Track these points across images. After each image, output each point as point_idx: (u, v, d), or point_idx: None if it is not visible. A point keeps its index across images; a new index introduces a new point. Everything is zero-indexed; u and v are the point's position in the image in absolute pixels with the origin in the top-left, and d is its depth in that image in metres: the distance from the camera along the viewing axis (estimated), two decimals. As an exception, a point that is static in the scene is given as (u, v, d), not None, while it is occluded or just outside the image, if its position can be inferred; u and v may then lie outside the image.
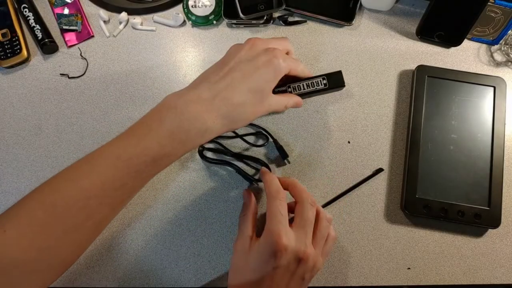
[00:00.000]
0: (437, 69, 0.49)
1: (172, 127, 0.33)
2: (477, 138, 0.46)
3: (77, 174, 0.34)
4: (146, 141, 0.33)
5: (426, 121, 0.47)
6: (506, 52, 0.51)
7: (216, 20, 0.54)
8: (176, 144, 0.34)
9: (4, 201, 0.49)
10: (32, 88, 0.53)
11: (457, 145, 0.46)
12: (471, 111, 0.47)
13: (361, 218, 0.47)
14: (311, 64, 0.52)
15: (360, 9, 0.54)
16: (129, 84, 0.53)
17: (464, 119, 0.47)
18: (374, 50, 0.53)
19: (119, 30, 0.55)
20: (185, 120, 0.34)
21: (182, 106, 0.34)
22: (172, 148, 0.34)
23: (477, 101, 0.47)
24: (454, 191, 0.45)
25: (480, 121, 0.47)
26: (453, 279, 0.46)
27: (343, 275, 0.46)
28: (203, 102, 0.34)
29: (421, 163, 0.46)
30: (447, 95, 0.48)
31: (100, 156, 0.33)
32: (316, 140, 0.50)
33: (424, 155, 0.46)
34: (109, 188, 0.33)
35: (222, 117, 0.35)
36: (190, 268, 0.46)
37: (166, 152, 0.34)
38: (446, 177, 0.45)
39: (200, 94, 0.35)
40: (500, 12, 0.49)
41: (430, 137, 0.47)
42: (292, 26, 0.54)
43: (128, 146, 0.33)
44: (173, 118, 0.34)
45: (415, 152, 0.46)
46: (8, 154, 0.51)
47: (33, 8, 0.55)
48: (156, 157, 0.33)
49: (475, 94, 0.48)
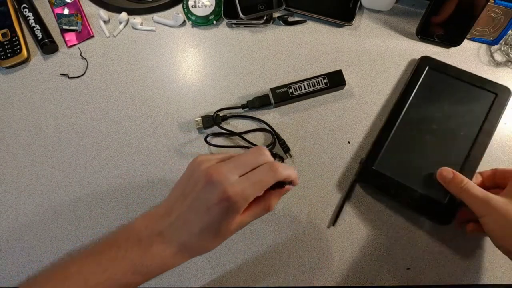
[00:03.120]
0: (441, 63, 0.48)
1: (135, 261, 0.35)
2: (457, 137, 0.45)
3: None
4: (111, 270, 0.34)
5: (412, 105, 0.46)
6: (506, 52, 0.51)
7: (216, 20, 0.54)
8: (137, 275, 0.35)
9: (4, 201, 0.49)
10: (32, 88, 0.53)
11: (434, 136, 0.45)
12: (461, 110, 0.46)
13: (361, 218, 0.47)
14: (311, 64, 0.52)
15: (360, 9, 0.54)
16: (129, 84, 0.53)
17: (452, 115, 0.46)
18: (374, 50, 0.53)
19: (119, 30, 0.55)
20: (148, 256, 0.35)
21: (146, 242, 0.35)
22: (133, 278, 0.35)
23: (471, 103, 0.46)
24: (415, 177, 0.44)
25: (467, 122, 0.45)
26: (453, 279, 0.46)
27: (343, 275, 0.46)
28: (163, 239, 0.35)
29: (391, 140, 0.45)
30: (442, 89, 0.47)
31: (70, 278, 0.34)
32: (316, 140, 0.50)
33: (397, 133, 0.46)
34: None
35: (182, 251, 0.35)
36: (190, 268, 0.46)
37: (128, 281, 0.35)
38: (411, 161, 0.45)
39: (162, 231, 0.35)
40: (500, 12, 0.49)
41: (409, 120, 0.46)
42: (292, 26, 0.54)
43: (96, 273, 0.34)
44: (137, 252, 0.35)
45: (388, 128, 0.46)
46: (8, 154, 0.51)
47: (33, 8, 0.55)
48: (119, 285, 0.35)
49: (472, 96, 0.47)
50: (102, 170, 0.50)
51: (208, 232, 0.35)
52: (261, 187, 0.34)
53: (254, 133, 0.50)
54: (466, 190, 0.39)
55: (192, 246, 0.35)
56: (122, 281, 0.35)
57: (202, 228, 0.34)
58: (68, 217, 0.48)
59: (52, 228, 0.48)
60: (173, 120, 0.51)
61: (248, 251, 0.47)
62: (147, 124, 0.51)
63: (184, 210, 0.35)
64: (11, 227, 0.48)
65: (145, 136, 0.51)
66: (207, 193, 0.33)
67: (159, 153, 0.50)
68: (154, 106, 0.52)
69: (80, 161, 0.50)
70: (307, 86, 0.49)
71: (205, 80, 0.53)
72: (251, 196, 0.33)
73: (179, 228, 0.35)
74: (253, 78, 0.52)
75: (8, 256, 0.47)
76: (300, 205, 0.48)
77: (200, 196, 0.34)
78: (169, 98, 0.52)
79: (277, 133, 0.49)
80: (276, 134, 0.49)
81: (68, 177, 0.50)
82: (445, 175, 0.42)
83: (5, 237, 0.48)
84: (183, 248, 0.35)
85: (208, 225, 0.34)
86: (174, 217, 0.35)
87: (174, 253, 0.35)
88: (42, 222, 0.48)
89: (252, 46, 0.54)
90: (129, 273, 0.35)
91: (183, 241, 0.35)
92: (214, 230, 0.34)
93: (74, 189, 0.49)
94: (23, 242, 0.48)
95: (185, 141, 0.50)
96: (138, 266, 0.35)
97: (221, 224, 0.34)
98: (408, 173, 0.44)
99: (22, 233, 0.48)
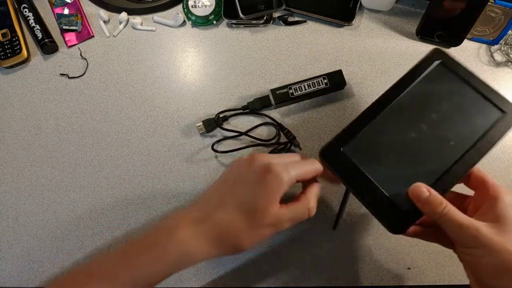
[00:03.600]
0: (454, 61, 0.42)
1: (174, 260, 0.34)
2: (445, 146, 0.39)
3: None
4: (154, 268, 0.34)
5: (406, 96, 0.41)
6: (506, 52, 0.51)
7: (216, 20, 0.54)
8: (173, 268, 0.35)
9: (4, 201, 0.49)
10: (32, 88, 0.53)
11: (419, 137, 0.40)
12: (460, 119, 0.40)
13: (361, 218, 0.47)
14: (311, 64, 0.52)
15: (360, 9, 0.54)
16: (129, 84, 0.53)
17: (447, 121, 0.40)
18: (374, 50, 0.53)
19: (119, 30, 0.55)
20: (184, 255, 0.34)
21: (186, 241, 0.34)
22: (170, 271, 0.35)
23: (474, 114, 0.40)
24: (383, 173, 0.38)
25: (462, 133, 0.39)
26: (453, 279, 0.46)
27: (343, 275, 0.46)
28: (201, 235, 0.34)
29: (371, 126, 0.40)
30: (446, 89, 0.41)
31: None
32: (316, 140, 0.50)
33: (380, 121, 0.40)
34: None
35: (214, 245, 0.34)
36: (190, 268, 0.46)
37: (165, 275, 0.35)
38: (385, 156, 0.40)
39: (200, 229, 0.34)
40: (500, 12, 0.49)
41: (398, 111, 0.40)
42: (292, 26, 0.54)
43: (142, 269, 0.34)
44: (175, 251, 0.34)
45: (372, 112, 0.40)
46: (8, 154, 0.51)
47: (33, 8, 0.55)
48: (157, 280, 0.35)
49: (477, 107, 0.40)
50: (102, 170, 0.50)
51: (244, 209, 0.33)
52: (304, 171, 0.35)
53: (257, 129, 0.50)
54: (448, 216, 0.33)
55: (225, 229, 0.34)
56: (161, 277, 0.34)
57: (240, 201, 0.33)
58: (68, 217, 0.48)
59: (52, 228, 0.48)
60: (173, 120, 0.51)
61: (248, 251, 0.47)
62: (147, 124, 0.51)
63: (223, 191, 0.35)
64: (11, 227, 0.48)
65: (145, 136, 0.51)
66: (251, 171, 0.34)
67: (159, 153, 0.50)
68: (154, 106, 0.52)
69: (80, 161, 0.50)
70: (307, 86, 0.49)
71: (205, 80, 0.53)
72: (294, 175, 0.34)
73: (215, 204, 0.35)
74: (253, 78, 0.52)
75: (8, 256, 0.47)
76: (300, 205, 0.48)
77: (243, 173, 0.35)
78: (169, 98, 0.52)
79: (280, 123, 0.49)
80: (279, 125, 0.49)
81: (68, 177, 0.50)
82: (419, 193, 0.34)
83: (5, 237, 0.48)
84: (216, 237, 0.34)
85: (246, 199, 0.33)
86: (213, 205, 0.35)
87: (209, 249, 0.34)
88: (42, 222, 0.48)
89: (252, 46, 0.54)
90: (168, 271, 0.34)
91: (216, 220, 0.34)
92: (251, 208, 0.33)
93: (74, 189, 0.49)
94: (23, 242, 0.48)
95: (185, 141, 0.50)
96: (175, 264, 0.34)
97: (259, 199, 0.33)
98: (376, 167, 0.39)
99: (22, 233, 0.48)
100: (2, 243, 0.48)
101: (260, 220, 0.33)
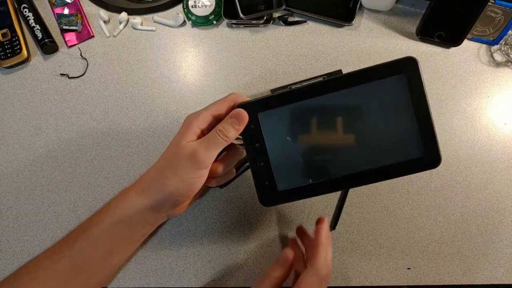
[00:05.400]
0: (418, 83, 0.36)
1: (111, 219, 0.40)
2: (350, 156, 0.37)
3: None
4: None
5: (345, 93, 0.37)
6: (506, 52, 0.51)
7: (216, 20, 0.54)
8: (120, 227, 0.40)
9: (5, 201, 0.49)
10: (32, 88, 0.53)
11: (333, 138, 0.37)
12: (382, 139, 0.37)
13: (360, 218, 0.47)
14: (311, 64, 0.52)
15: (360, 9, 0.54)
16: (129, 84, 0.53)
17: (370, 133, 0.37)
18: (374, 50, 0.53)
19: (119, 30, 0.55)
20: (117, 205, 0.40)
21: (118, 197, 0.40)
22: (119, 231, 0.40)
23: (396, 142, 0.37)
24: (280, 154, 0.38)
25: (374, 153, 0.37)
26: (453, 279, 0.46)
27: (343, 275, 0.46)
28: (130, 190, 0.40)
29: (294, 106, 0.37)
30: (389, 105, 0.37)
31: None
32: (316, 140, 0.50)
33: (303, 105, 0.37)
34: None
35: (142, 194, 0.39)
36: (190, 268, 0.46)
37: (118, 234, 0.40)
38: (290, 140, 0.38)
39: (134, 189, 0.40)
40: (500, 12, 0.49)
41: (327, 106, 0.37)
42: (292, 26, 0.54)
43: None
44: (108, 208, 0.40)
45: (303, 95, 0.37)
46: (8, 154, 0.51)
47: (33, 8, 0.55)
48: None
49: (405, 137, 0.36)
50: (102, 170, 0.50)
51: (165, 157, 0.37)
52: (216, 104, 0.37)
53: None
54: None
55: (150, 179, 0.38)
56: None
57: (162, 156, 0.38)
58: (68, 217, 0.48)
59: (52, 228, 0.48)
60: (173, 120, 0.51)
61: (248, 251, 0.47)
62: (147, 124, 0.51)
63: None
64: (11, 227, 0.48)
65: (145, 136, 0.51)
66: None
67: (159, 153, 0.50)
68: (154, 106, 0.52)
69: (80, 161, 0.50)
70: (307, 86, 0.49)
71: (205, 80, 0.53)
72: (204, 111, 0.37)
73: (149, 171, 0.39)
74: (253, 78, 0.52)
75: (8, 256, 0.47)
76: (300, 205, 0.48)
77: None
78: (169, 98, 0.52)
79: None
80: None
81: (68, 177, 0.50)
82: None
83: (5, 237, 0.48)
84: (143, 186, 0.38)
85: (165, 153, 0.38)
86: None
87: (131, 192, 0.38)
88: (42, 222, 0.48)
89: (252, 46, 0.54)
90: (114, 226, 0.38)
91: (144, 177, 0.39)
92: (169, 152, 0.37)
93: (74, 189, 0.49)
94: (23, 242, 0.48)
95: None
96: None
97: (172, 142, 0.37)
98: (279, 145, 0.38)
99: (22, 233, 0.48)
100: (2, 243, 0.48)
101: (174, 156, 0.36)
